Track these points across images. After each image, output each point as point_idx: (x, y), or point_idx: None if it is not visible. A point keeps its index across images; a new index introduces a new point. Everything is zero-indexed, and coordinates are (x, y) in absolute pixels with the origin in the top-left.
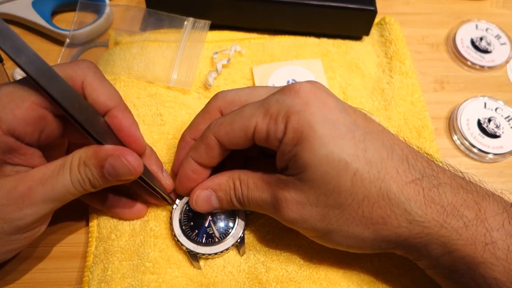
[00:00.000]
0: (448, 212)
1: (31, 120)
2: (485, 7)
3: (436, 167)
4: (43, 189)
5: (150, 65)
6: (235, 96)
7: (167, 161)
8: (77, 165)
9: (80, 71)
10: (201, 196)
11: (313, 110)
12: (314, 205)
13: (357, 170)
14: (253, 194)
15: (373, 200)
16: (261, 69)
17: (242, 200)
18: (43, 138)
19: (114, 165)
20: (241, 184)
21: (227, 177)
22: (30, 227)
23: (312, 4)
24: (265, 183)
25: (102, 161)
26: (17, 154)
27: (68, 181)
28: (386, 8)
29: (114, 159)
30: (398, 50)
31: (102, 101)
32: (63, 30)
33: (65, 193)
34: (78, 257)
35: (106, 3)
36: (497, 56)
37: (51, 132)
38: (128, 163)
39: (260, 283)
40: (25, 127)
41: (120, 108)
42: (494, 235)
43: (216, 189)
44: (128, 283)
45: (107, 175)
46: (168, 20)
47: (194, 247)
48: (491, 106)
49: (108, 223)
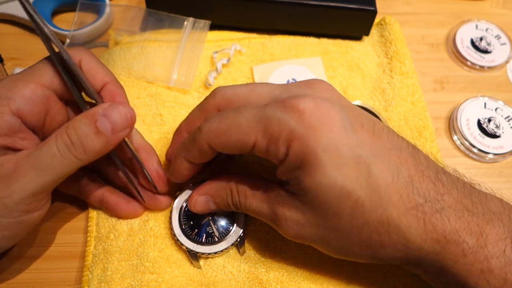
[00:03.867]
0: (448, 239)
1: (38, 99)
2: (485, 7)
3: (442, 187)
4: (27, 162)
5: (150, 65)
6: (233, 95)
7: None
8: (64, 131)
9: (77, 52)
10: (198, 201)
11: (317, 135)
12: (313, 226)
13: (359, 198)
14: (251, 203)
15: (373, 226)
16: (261, 68)
17: (240, 206)
18: (48, 121)
19: (109, 114)
20: (238, 193)
21: (225, 183)
22: (20, 207)
23: (312, 4)
24: (264, 195)
25: (94, 116)
26: (19, 139)
27: (54, 149)
28: (386, 8)
29: (108, 108)
30: (398, 50)
31: (100, 76)
32: (63, 30)
33: (52, 163)
34: (77, 257)
35: (106, 3)
36: (497, 56)
37: (55, 115)
38: (123, 107)
39: (260, 282)
40: (32, 107)
41: (115, 83)
42: (492, 262)
43: (214, 196)
44: (128, 283)
45: (102, 129)
46: (168, 20)
47: (194, 246)
48: (491, 106)
49: (107, 222)
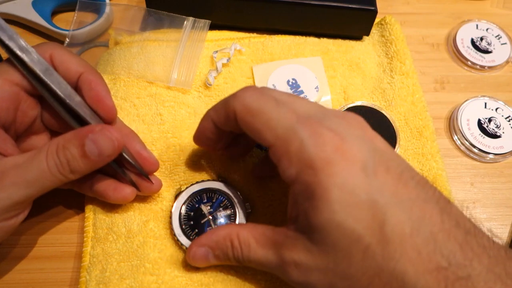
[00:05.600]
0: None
1: (5, 95)
2: (486, 7)
3: (470, 251)
4: (16, 172)
5: (150, 64)
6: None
7: (166, 160)
8: (55, 149)
9: (46, 47)
10: (198, 253)
11: (332, 171)
12: (322, 272)
13: (370, 245)
14: (255, 253)
15: (385, 279)
16: (261, 68)
17: (242, 260)
18: (19, 118)
19: (97, 140)
20: (240, 244)
21: (225, 234)
22: (3, 214)
23: (312, 4)
24: (270, 241)
25: (82, 139)
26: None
27: (44, 165)
28: (386, 8)
29: (96, 133)
30: (398, 50)
31: (74, 67)
32: (63, 30)
33: (40, 178)
34: (71, 257)
35: (106, 3)
36: (497, 56)
37: (26, 111)
38: (111, 135)
39: (260, 282)
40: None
41: (91, 72)
42: None
43: (213, 248)
44: (127, 284)
45: (88, 153)
46: (168, 19)
47: None
48: (492, 106)
49: (104, 223)
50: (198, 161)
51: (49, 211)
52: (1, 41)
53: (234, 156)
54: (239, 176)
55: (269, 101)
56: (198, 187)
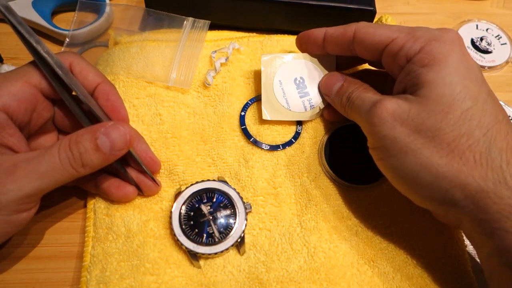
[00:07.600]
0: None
1: (25, 96)
2: (486, 7)
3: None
4: (28, 165)
5: (149, 64)
6: None
7: (165, 160)
8: (67, 143)
9: (66, 55)
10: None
11: (456, 48)
12: (408, 124)
13: (471, 108)
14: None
15: (472, 141)
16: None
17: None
18: (34, 119)
19: (109, 133)
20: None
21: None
22: (13, 206)
23: (311, 4)
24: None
25: (95, 133)
26: (7, 135)
27: (56, 159)
28: (386, 8)
29: (108, 128)
30: None
31: (91, 77)
32: (63, 30)
33: (51, 171)
34: (72, 257)
35: (106, 3)
36: (497, 56)
37: (41, 113)
38: (124, 129)
39: (260, 283)
40: (19, 104)
41: (107, 83)
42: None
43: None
44: (127, 283)
45: (101, 146)
46: (167, 19)
47: (194, 246)
48: None
49: (104, 223)
50: (198, 161)
51: (50, 211)
52: (30, 44)
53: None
54: (239, 175)
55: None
56: (198, 187)
